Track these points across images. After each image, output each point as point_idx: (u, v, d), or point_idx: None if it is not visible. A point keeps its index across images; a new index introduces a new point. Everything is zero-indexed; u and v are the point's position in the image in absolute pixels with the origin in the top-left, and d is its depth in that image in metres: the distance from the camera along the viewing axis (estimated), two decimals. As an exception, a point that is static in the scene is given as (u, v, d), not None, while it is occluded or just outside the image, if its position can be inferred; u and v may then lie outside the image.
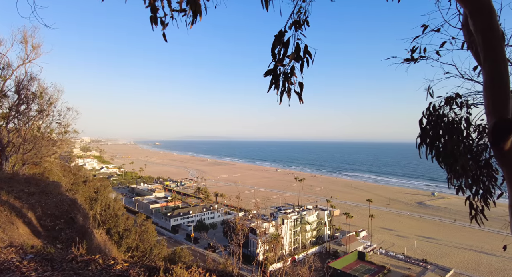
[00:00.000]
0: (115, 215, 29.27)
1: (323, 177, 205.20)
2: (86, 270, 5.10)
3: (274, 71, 3.19)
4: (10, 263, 5.09)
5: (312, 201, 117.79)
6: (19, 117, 19.55)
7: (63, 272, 4.93)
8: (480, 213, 4.06)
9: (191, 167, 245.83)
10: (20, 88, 19.13)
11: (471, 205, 4.09)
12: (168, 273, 4.86)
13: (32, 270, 4.89)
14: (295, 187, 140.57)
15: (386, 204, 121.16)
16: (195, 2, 2.13)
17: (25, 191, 11.09)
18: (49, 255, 6.01)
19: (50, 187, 13.31)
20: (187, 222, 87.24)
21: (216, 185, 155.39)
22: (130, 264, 5.46)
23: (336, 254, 69.80)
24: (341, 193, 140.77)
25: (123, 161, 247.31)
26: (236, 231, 11.57)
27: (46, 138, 22.08)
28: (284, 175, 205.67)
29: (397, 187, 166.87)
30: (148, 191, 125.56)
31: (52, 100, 21.47)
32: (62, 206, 11.53)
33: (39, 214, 10.13)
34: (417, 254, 69.03)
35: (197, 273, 5.02)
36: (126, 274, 4.87)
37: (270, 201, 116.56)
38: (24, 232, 8.60)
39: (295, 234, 72.72)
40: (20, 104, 19.33)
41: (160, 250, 30.39)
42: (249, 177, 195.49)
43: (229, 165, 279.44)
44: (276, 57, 3.12)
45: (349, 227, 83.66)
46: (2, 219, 8.22)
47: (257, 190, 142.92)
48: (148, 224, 33.06)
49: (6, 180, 11.91)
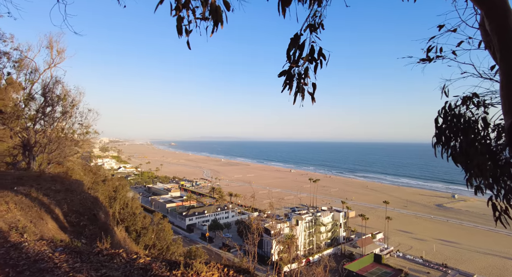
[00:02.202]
0: (133, 214, 30.08)
1: (338, 178, 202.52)
2: (112, 262, 5.40)
3: (289, 72, 3.33)
4: (44, 255, 5.46)
5: (327, 203, 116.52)
6: (45, 118, 20.52)
7: (91, 264, 5.25)
8: (504, 214, 4.01)
9: (205, 167, 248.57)
10: (46, 91, 20.08)
11: (494, 206, 4.05)
12: (188, 267, 5.07)
13: (63, 261, 5.23)
14: (309, 188, 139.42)
15: (403, 206, 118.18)
16: (217, 12, 2.30)
17: (52, 189, 11.69)
18: (77, 248, 6.38)
19: (74, 185, 13.95)
20: (202, 221, 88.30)
21: (230, 185, 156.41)
22: (151, 259, 5.72)
23: (352, 256, 68.76)
24: (357, 195, 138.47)
25: (140, 161, 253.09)
26: (252, 230, 11.71)
27: (69, 139, 23.04)
28: (298, 175, 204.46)
29: (415, 188, 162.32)
30: (164, 190, 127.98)
31: (74, 102, 22.39)
32: (85, 204, 12.07)
33: (65, 210, 10.66)
34: (437, 258, 66.97)
35: (216, 268, 5.21)
36: (149, 267, 5.12)
37: (284, 202, 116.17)
38: (52, 227, 9.09)
39: (309, 236, 72.17)
40: (46, 106, 20.29)
41: (176, 248, 31.01)
42: (263, 177, 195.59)
43: (242, 165, 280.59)
44: (291, 59, 3.26)
45: (365, 229, 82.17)
46: (33, 214, 8.75)
47: (271, 190, 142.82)
48: (164, 223, 33.81)
49: (35, 178, 12.59)
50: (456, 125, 3.62)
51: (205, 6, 2.34)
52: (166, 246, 28.16)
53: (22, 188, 10.54)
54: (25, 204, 9.24)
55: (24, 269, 4.72)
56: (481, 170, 3.75)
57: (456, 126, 3.62)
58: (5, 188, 9.92)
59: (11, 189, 10.05)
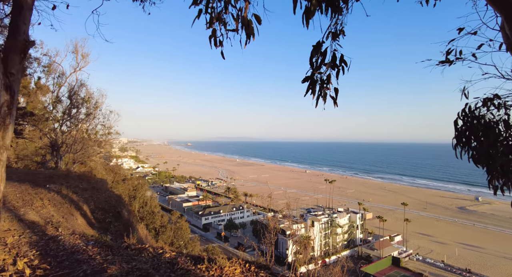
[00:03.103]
0: (152, 212, 30.93)
1: (354, 179, 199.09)
2: (140, 256, 5.74)
3: (312, 78, 3.51)
4: (78, 247, 5.88)
5: (343, 204, 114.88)
6: (71, 120, 21.55)
7: (121, 257, 5.60)
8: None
9: (221, 167, 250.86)
10: (72, 94, 21.10)
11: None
12: (212, 262, 5.32)
13: (96, 254, 5.61)
14: (325, 189, 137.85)
15: (423, 208, 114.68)
16: (249, 26, 2.52)
17: (80, 187, 12.34)
18: (107, 243, 6.79)
19: (99, 184, 14.62)
20: (218, 221, 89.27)
21: (245, 185, 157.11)
22: (176, 253, 6.03)
23: (369, 258, 67.52)
24: (374, 196, 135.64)
25: (157, 161, 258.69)
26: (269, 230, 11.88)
27: (92, 139, 24.07)
28: (313, 176, 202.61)
29: (434, 190, 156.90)
30: (180, 190, 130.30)
31: (97, 104, 23.38)
32: (110, 201, 12.65)
33: (92, 207, 11.25)
34: (459, 263, 64.57)
35: (238, 263, 5.43)
36: (175, 261, 5.41)
37: (299, 203, 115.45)
38: (81, 222, 9.64)
39: (325, 237, 71.47)
40: (72, 108, 21.31)
41: (194, 247, 31.64)
42: (278, 178, 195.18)
43: (257, 165, 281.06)
44: (313, 65, 3.44)
45: (383, 231, 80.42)
46: (64, 211, 9.32)
47: (286, 191, 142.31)
48: (182, 222, 34.54)
49: (63, 177, 13.31)
50: (476, 127, 3.67)
51: (237, 21, 2.56)
52: (184, 244, 28.85)
53: (53, 186, 11.20)
54: (57, 200, 9.85)
55: (63, 259, 5.12)
56: (504, 170, 3.77)
57: (476, 128, 3.67)
58: (38, 185, 10.59)
59: (44, 186, 10.71)
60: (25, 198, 8.86)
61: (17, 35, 3.51)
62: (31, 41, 3.68)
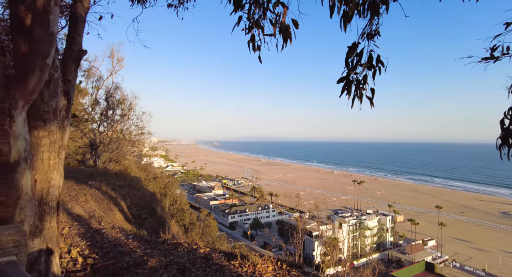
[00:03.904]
0: (181, 210, 31.93)
1: (384, 180, 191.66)
2: (176, 251, 6.03)
3: (347, 78, 3.52)
4: (120, 240, 6.30)
5: (372, 206, 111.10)
6: (107, 121, 22.90)
7: (159, 251, 5.93)
8: None
9: (246, 167, 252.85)
10: (108, 96, 22.40)
11: None
12: (245, 259, 5.47)
13: (136, 247, 5.99)
14: (353, 190, 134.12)
15: (460, 212, 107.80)
16: (287, 30, 2.60)
17: (117, 184, 13.11)
18: (144, 237, 7.20)
19: (134, 181, 15.42)
20: (244, 219, 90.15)
21: (271, 185, 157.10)
22: (210, 249, 6.26)
23: (400, 263, 64.76)
24: (405, 198, 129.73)
25: (185, 160, 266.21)
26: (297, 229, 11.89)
27: (127, 139, 25.38)
28: (340, 177, 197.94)
29: (472, 193, 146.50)
30: (208, 188, 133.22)
31: (131, 106, 24.61)
32: (144, 198, 13.31)
33: (129, 204, 11.92)
34: (503, 273, 59.86)
35: (270, 261, 5.54)
36: (209, 257, 5.63)
37: (326, 204, 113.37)
38: (119, 218, 10.27)
39: (353, 239, 69.64)
40: (108, 110, 22.63)
41: (221, 244, 32.25)
42: (304, 178, 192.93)
43: (282, 165, 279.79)
44: (349, 66, 3.45)
45: (415, 235, 76.68)
46: (104, 206, 9.98)
47: (312, 191, 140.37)
48: (210, 220, 35.34)
49: (102, 174, 14.21)
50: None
51: (275, 26, 2.66)
52: (212, 242, 29.46)
53: (94, 182, 12.01)
54: (98, 196, 10.57)
55: (108, 250, 5.53)
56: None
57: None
58: (81, 182, 11.41)
59: (86, 183, 11.52)
60: (71, 194, 9.60)
61: (72, 45, 3.87)
62: (83, 50, 4.03)
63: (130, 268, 4.70)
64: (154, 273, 4.55)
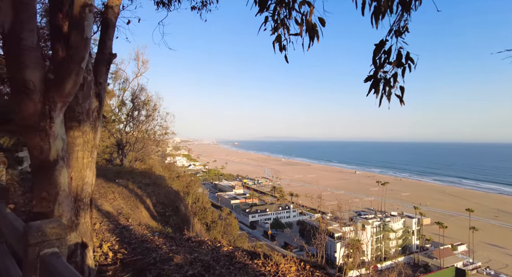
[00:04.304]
0: (203, 208, 32.46)
1: (409, 181, 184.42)
2: (200, 248, 6.16)
3: (375, 77, 3.43)
4: (147, 237, 6.53)
5: (396, 207, 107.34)
6: (133, 121, 23.76)
7: (184, 248, 6.08)
8: None
9: (266, 166, 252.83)
10: (134, 97, 23.24)
11: None
12: (268, 258, 5.49)
13: (162, 244, 6.17)
14: (376, 192, 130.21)
15: (494, 216, 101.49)
16: (313, 29, 2.59)
17: (143, 182, 13.58)
18: (169, 234, 7.40)
19: (159, 180, 15.90)
20: (264, 219, 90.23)
21: (291, 185, 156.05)
22: (233, 248, 6.33)
23: (427, 267, 62.10)
24: (432, 200, 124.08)
25: (207, 159, 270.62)
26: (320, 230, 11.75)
27: (151, 139, 26.21)
28: (363, 177, 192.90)
29: (508, 196, 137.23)
30: (228, 187, 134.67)
31: (156, 106, 25.38)
32: (169, 196, 13.69)
33: (154, 201, 12.31)
34: (541, 281, 55.87)
35: (293, 261, 5.51)
36: (233, 255, 5.69)
37: (349, 205, 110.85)
38: (145, 215, 10.63)
39: (377, 242, 67.68)
40: (134, 111, 23.48)
41: (242, 243, 32.46)
42: (325, 178, 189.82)
43: (303, 165, 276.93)
44: (376, 64, 3.36)
45: (443, 238, 73.11)
46: (131, 203, 10.37)
47: (334, 192, 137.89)
48: (231, 219, 35.65)
49: (129, 173, 14.77)
50: None
51: (301, 25, 2.65)
52: (233, 241, 29.75)
53: (121, 180, 12.51)
54: (125, 194, 11.00)
55: (135, 246, 5.75)
56: None
57: None
58: (109, 180, 11.92)
59: (114, 181, 12.02)
60: (101, 191, 10.06)
61: (104, 49, 4.06)
62: (114, 54, 4.22)
63: (157, 264, 4.86)
64: (180, 269, 4.67)
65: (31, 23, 2.40)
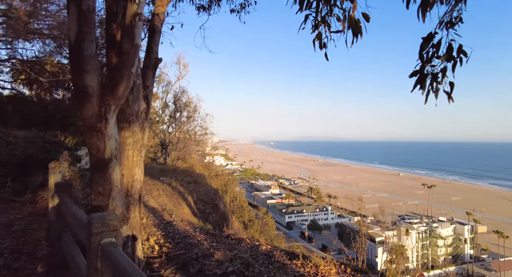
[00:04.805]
0: (240, 207, 33.00)
1: (459, 184, 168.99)
2: (239, 246, 6.27)
3: (421, 72, 3.22)
4: (189, 232, 6.81)
5: (445, 213, 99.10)
6: (175, 122, 24.97)
7: (224, 245, 6.23)
8: None
9: (302, 167, 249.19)
10: (176, 100, 24.40)
11: None
12: (307, 259, 5.42)
13: (203, 240, 6.40)
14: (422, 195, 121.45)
15: None
16: (357, 25, 2.50)
17: (184, 180, 14.21)
18: (210, 231, 7.65)
19: (199, 178, 16.52)
20: (301, 220, 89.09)
21: (328, 186, 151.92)
22: (272, 247, 6.35)
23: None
24: (488, 206, 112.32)
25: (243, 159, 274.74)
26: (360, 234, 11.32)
27: (192, 139, 27.31)
28: (407, 180, 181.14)
29: None
30: (265, 187, 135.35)
31: (196, 108, 26.39)
32: (209, 194, 14.15)
33: (195, 199, 12.81)
34: None
35: (333, 264, 5.38)
36: (271, 254, 5.71)
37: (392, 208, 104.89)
38: (187, 211, 11.11)
39: (423, 248, 63.16)
40: (176, 112, 24.66)
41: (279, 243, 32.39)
42: (365, 180, 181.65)
43: (341, 166, 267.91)
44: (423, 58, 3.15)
45: (503, 249, 65.81)
46: (174, 200, 10.91)
47: (375, 195, 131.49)
48: (268, 218, 35.79)
49: (172, 171, 15.55)
50: None
51: (344, 21, 2.58)
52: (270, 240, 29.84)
53: (165, 178, 13.21)
54: (168, 191, 11.60)
55: (179, 241, 6.04)
56: None
57: None
58: (154, 178, 12.66)
59: (158, 179, 12.74)
60: (147, 188, 10.73)
61: (150, 54, 4.33)
62: (159, 58, 4.47)
63: (199, 259, 5.05)
64: (220, 265, 4.80)
65: (91, 34, 2.65)
